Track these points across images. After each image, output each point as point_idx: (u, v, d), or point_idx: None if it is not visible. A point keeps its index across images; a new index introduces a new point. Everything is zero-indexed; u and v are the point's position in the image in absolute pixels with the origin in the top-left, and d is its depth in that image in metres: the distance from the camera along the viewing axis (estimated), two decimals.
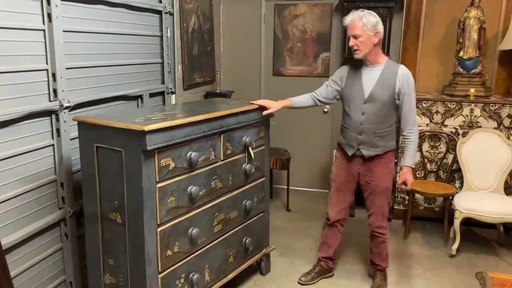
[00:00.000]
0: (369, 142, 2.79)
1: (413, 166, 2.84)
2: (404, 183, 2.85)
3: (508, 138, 3.71)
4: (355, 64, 2.83)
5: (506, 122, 3.74)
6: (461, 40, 3.95)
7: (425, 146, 3.97)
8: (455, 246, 3.46)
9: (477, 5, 3.87)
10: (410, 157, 2.80)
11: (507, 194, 3.70)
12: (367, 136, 2.78)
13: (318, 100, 3.01)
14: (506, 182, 3.70)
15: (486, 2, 3.91)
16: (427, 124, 3.94)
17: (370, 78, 2.74)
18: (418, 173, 4.02)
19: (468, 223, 3.67)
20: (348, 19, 2.71)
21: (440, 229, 3.79)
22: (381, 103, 2.71)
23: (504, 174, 3.62)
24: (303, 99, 3.07)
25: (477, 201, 3.47)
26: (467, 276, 3.15)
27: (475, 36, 3.90)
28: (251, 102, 2.89)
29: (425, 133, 3.94)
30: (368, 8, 4.26)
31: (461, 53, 3.94)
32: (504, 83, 4.06)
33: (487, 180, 3.63)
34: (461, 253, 3.51)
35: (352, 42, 2.69)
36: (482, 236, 3.85)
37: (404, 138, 2.81)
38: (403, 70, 2.71)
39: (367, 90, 2.74)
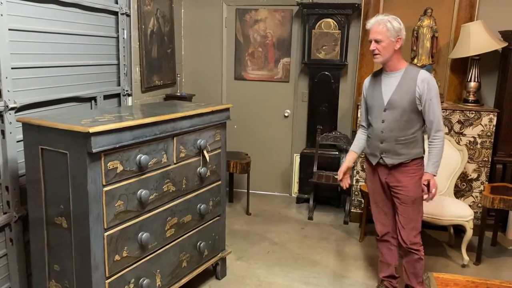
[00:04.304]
0: (392, 150, 2.68)
1: (435, 174, 2.65)
2: (428, 186, 2.64)
3: (458, 143, 3.85)
4: (377, 73, 2.79)
5: (456, 127, 3.88)
6: (415, 48, 4.07)
7: None
8: None
9: (429, 14, 4.01)
10: (433, 163, 2.64)
11: (457, 197, 3.83)
12: (389, 144, 2.68)
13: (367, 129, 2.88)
14: (456, 186, 3.83)
15: (438, 12, 4.05)
16: None
17: (389, 85, 2.67)
18: None
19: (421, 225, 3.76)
20: (371, 22, 2.63)
21: None
22: (400, 110, 2.61)
23: (454, 178, 3.74)
24: (361, 143, 2.91)
25: (428, 204, 3.56)
26: None
27: (428, 44, 4.03)
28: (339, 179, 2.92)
29: None
30: (326, 15, 4.44)
31: (415, 61, 4.06)
32: (456, 90, 4.21)
33: (438, 183, 3.72)
34: None
35: (373, 46, 2.61)
36: (434, 238, 3.98)
37: (428, 144, 2.67)
38: (423, 75, 2.60)
39: (386, 97, 2.66)
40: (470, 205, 3.77)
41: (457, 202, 3.66)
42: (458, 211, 3.47)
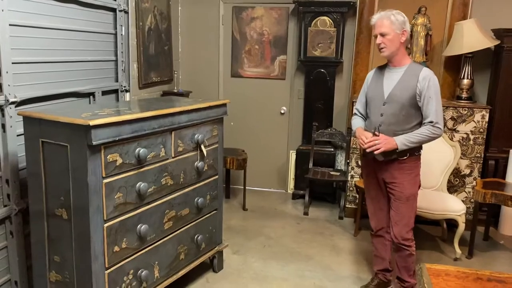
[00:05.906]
0: None
1: (397, 147, 2.61)
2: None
3: (451, 139, 3.92)
4: (381, 67, 2.82)
5: (450, 124, 3.95)
6: (409, 45, 4.13)
7: None
8: None
9: (423, 12, 4.08)
10: (406, 139, 2.60)
11: (450, 193, 3.90)
12: None
13: (364, 117, 2.90)
14: (449, 181, 3.90)
15: (432, 11, 4.11)
16: None
17: (391, 79, 2.70)
18: None
19: (415, 220, 3.82)
20: (376, 17, 2.68)
21: None
22: (400, 104, 2.64)
23: (447, 174, 3.81)
24: (362, 122, 2.90)
25: (422, 199, 3.62)
26: None
27: (422, 42, 4.10)
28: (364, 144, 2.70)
29: None
30: (322, 13, 4.49)
31: None
32: (449, 87, 4.28)
33: (432, 179, 3.81)
34: None
35: (379, 39, 2.65)
36: (427, 232, 4.04)
37: (419, 128, 2.66)
38: (425, 72, 2.64)
39: (387, 91, 2.69)
40: (463, 201, 3.83)
41: (450, 197, 3.72)
42: (451, 206, 3.54)
